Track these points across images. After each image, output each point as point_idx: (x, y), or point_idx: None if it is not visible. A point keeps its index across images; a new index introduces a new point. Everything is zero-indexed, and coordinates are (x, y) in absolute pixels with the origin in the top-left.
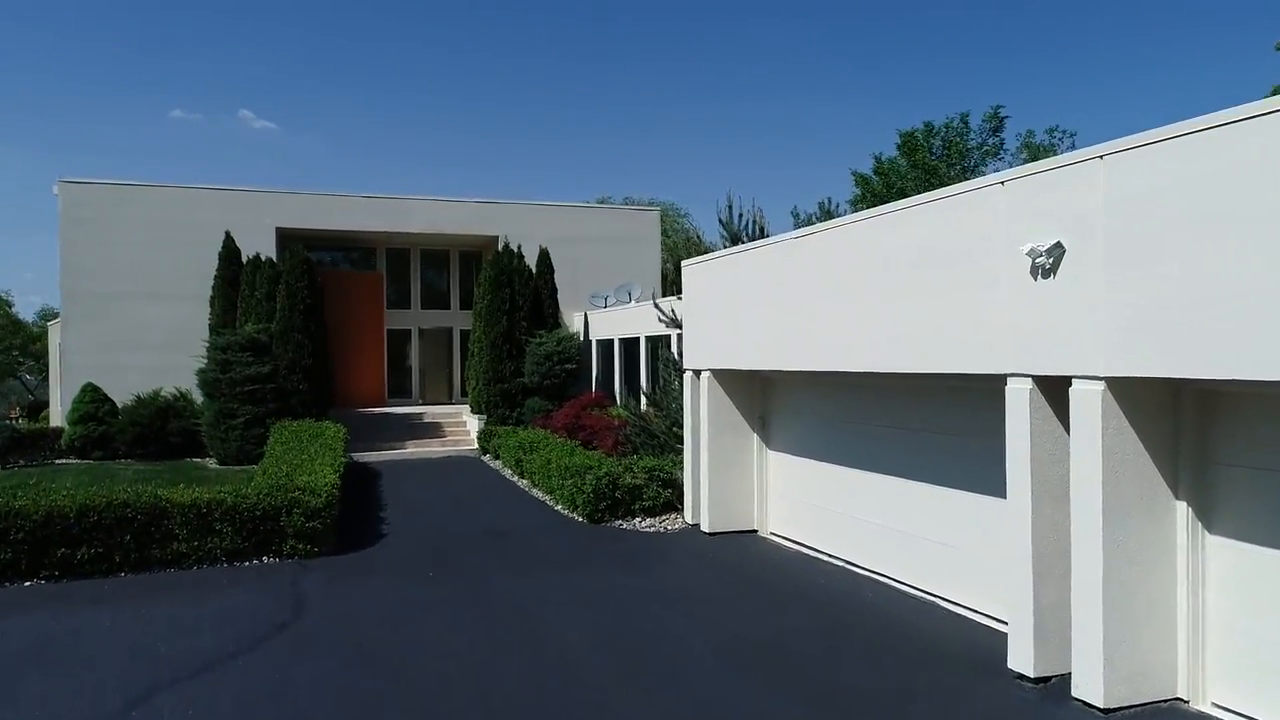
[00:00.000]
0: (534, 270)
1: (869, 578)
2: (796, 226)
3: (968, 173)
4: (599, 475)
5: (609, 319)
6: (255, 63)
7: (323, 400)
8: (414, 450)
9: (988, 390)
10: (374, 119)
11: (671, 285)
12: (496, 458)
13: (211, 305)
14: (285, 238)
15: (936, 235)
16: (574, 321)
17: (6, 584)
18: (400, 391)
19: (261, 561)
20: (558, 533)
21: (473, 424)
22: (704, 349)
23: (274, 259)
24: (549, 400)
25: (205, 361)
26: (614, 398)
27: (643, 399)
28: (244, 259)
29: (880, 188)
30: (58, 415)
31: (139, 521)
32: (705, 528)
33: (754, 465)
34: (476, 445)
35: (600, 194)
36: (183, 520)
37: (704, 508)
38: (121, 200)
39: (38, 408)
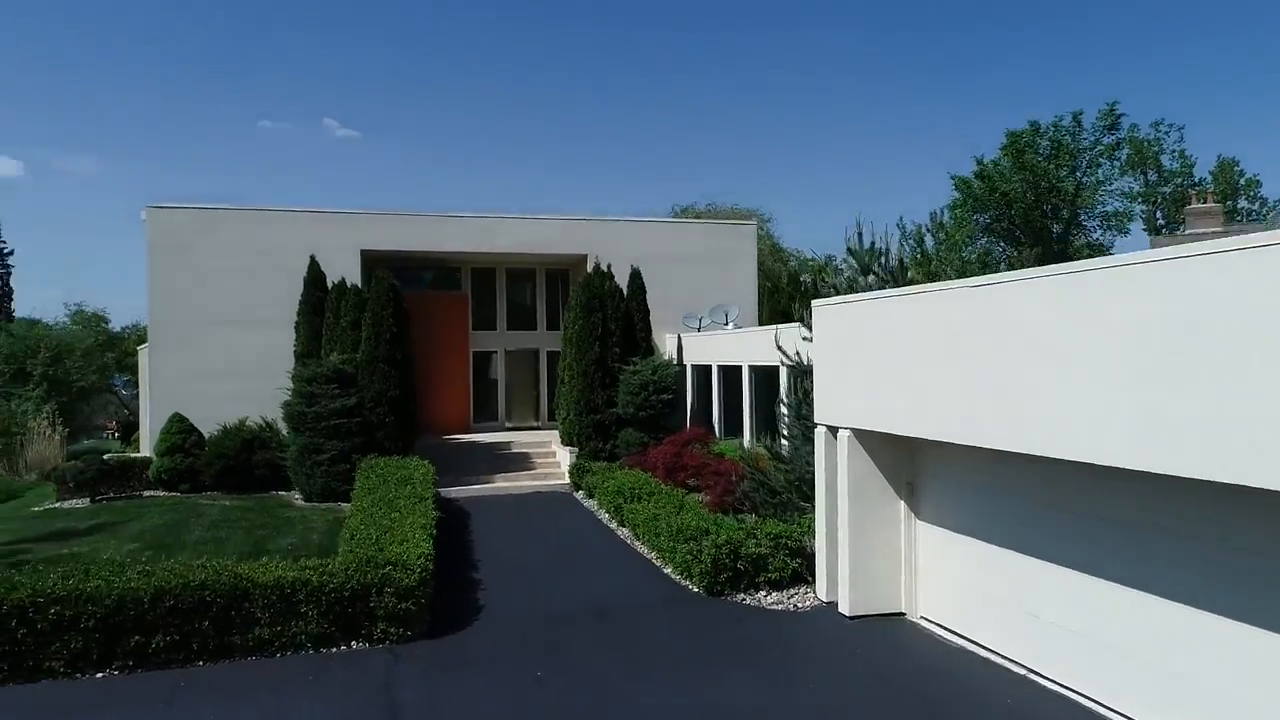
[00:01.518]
0: (625, 291)
1: (1066, 697)
2: (904, 239)
3: (1078, 173)
4: (718, 543)
5: (706, 343)
6: (339, 71)
7: (409, 432)
8: (503, 485)
9: None
10: (452, 125)
11: (767, 303)
12: (590, 496)
13: (297, 331)
14: (370, 259)
15: (1226, 298)
16: (666, 344)
17: (77, 675)
18: (486, 415)
19: (350, 647)
20: (674, 610)
21: (563, 456)
22: (843, 404)
23: (359, 284)
24: (644, 432)
25: (290, 393)
26: (713, 429)
27: (745, 434)
28: (329, 283)
29: (982, 191)
30: (147, 442)
31: (218, 605)
32: (845, 609)
33: (900, 537)
34: (568, 480)
35: (676, 202)
36: (265, 603)
37: (843, 585)
38: (207, 225)
39: (131, 427)
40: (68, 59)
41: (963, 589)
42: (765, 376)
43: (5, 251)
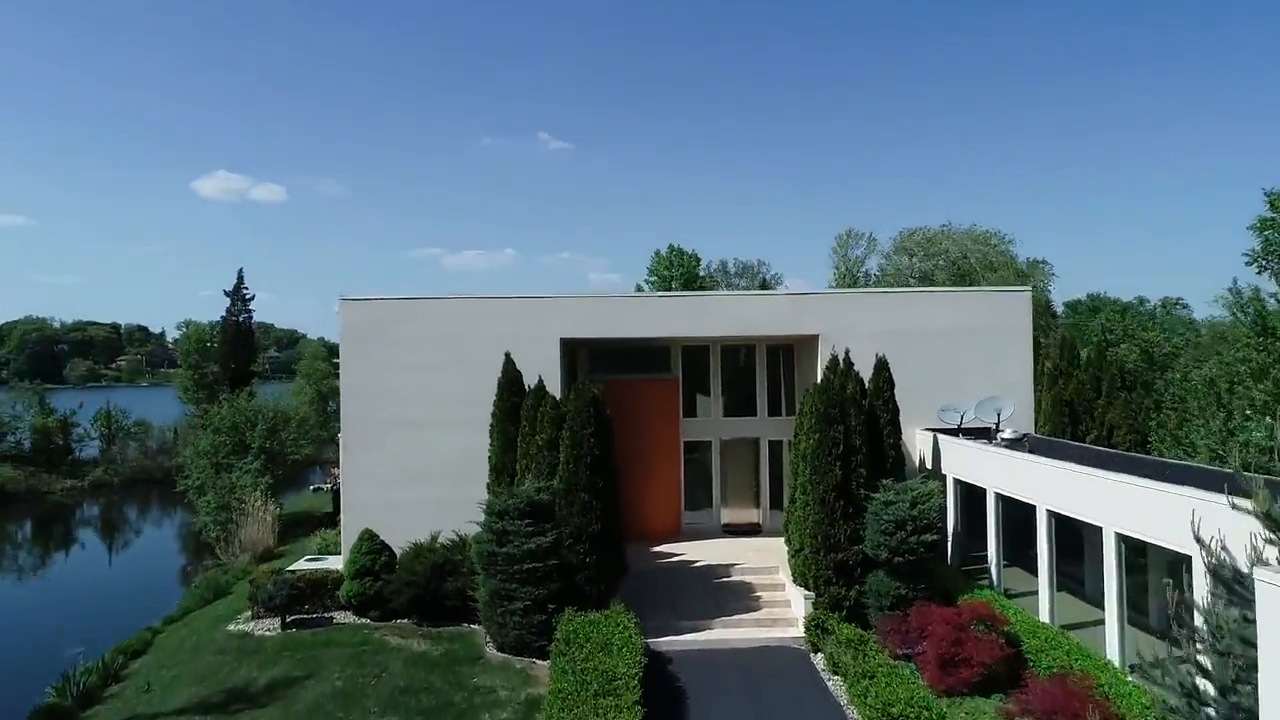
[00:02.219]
0: (867, 385)
1: None
2: (1237, 304)
3: None
4: None
5: (976, 457)
6: (555, 84)
7: (612, 570)
8: (722, 634)
9: None
10: (659, 135)
11: (1048, 391)
12: (835, 672)
13: (491, 436)
14: (570, 344)
15: None
16: (916, 444)
17: None
18: (699, 505)
19: None
20: None
21: (795, 595)
22: None
23: (558, 384)
24: (900, 580)
25: (481, 526)
26: (990, 579)
27: (1042, 602)
28: (525, 382)
29: None
30: (344, 546)
31: None
32: None
33: None
34: (802, 633)
35: (904, 226)
36: None
37: None
38: (400, 317)
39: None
40: (311, 90)
41: None
42: (1074, 528)
43: (247, 297)
